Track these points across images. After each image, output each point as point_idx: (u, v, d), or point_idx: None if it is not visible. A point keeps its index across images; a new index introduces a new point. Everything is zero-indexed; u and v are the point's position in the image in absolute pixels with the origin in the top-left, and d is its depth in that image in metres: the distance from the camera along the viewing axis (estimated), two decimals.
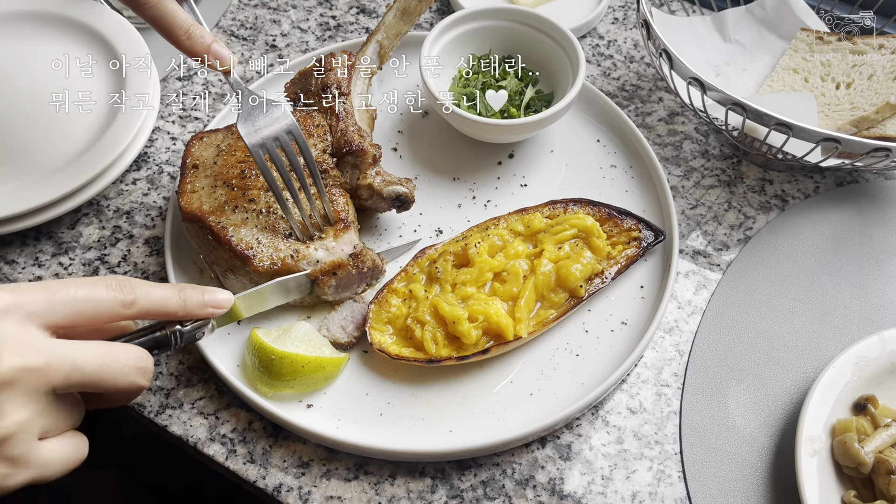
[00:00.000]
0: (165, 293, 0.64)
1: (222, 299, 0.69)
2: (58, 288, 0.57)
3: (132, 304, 0.60)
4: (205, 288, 0.68)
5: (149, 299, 0.62)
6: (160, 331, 0.66)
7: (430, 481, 0.76)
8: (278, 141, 0.79)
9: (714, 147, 1.03)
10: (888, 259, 0.93)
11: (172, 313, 0.65)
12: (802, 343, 0.86)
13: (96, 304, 0.58)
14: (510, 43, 1.03)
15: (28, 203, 0.87)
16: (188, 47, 0.77)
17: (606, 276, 0.86)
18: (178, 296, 0.65)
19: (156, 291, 0.63)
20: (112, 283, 0.60)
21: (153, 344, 0.65)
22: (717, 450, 0.79)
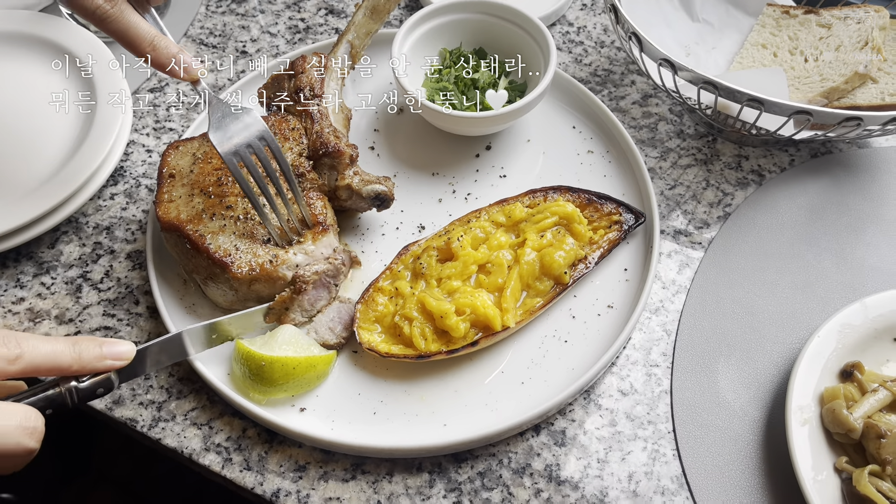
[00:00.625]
0: (57, 347, 0.61)
1: (123, 351, 0.66)
2: None
3: (17, 359, 0.57)
4: (103, 340, 0.65)
5: (37, 353, 0.58)
6: (54, 388, 0.61)
7: (427, 476, 0.76)
8: (251, 147, 0.79)
9: (689, 126, 1.04)
10: (866, 227, 0.94)
11: (66, 368, 0.61)
12: (787, 315, 0.87)
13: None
14: (480, 35, 1.03)
15: (5, 225, 0.86)
16: (154, 59, 0.76)
17: (590, 261, 0.86)
18: (72, 349, 0.62)
19: (45, 346, 0.60)
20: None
21: (45, 403, 0.60)
22: (709, 426, 0.79)
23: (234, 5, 1.17)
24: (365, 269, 0.89)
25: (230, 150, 0.77)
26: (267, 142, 0.79)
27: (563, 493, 0.75)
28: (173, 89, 1.07)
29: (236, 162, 0.77)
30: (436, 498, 0.75)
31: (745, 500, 0.75)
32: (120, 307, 0.87)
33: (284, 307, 0.80)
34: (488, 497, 0.75)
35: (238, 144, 0.78)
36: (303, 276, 0.79)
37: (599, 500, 0.75)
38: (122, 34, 0.75)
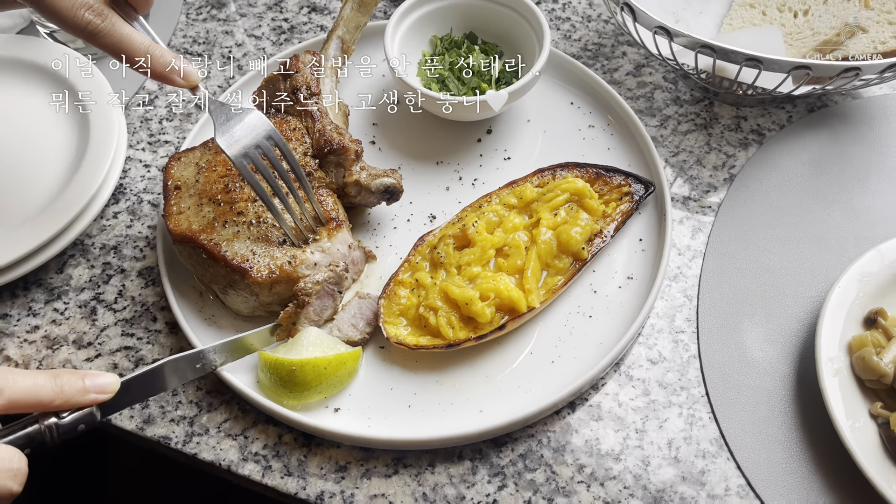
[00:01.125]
0: (38, 380, 0.58)
1: (106, 383, 0.63)
2: None
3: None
4: (86, 372, 0.63)
5: (18, 389, 0.56)
6: (32, 425, 0.59)
7: (469, 463, 0.76)
8: (259, 148, 0.77)
9: (684, 92, 1.04)
10: (869, 175, 0.95)
11: (47, 403, 0.59)
12: (803, 269, 0.88)
13: None
14: (470, 20, 1.03)
15: (10, 254, 0.84)
16: (151, 69, 0.74)
17: (606, 235, 0.86)
18: (54, 383, 0.59)
19: (26, 379, 0.57)
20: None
21: (24, 441, 0.58)
22: (740, 385, 0.80)
23: (214, 11, 1.16)
24: (381, 263, 0.89)
25: (239, 153, 0.76)
26: (275, 140, 0.78)
27: (605, 467, 0.76)
28: (164, 101, 1.05)
29: (247, 164, 0.76)
30: (480, 484, 0.75)
31: (784, 455, 0.76)
32: (138, 326, 0.86)
33: (291, 322, 0.80)
34: (532, 478, 0.75)
35: (246, 146, 0.77)
36: (304, 289, 0.79)
37: (643, 469, 0.75)
38: (115, 47, 0.73)
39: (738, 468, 0.76)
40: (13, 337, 0.85)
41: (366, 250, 0.87)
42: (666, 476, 0.75)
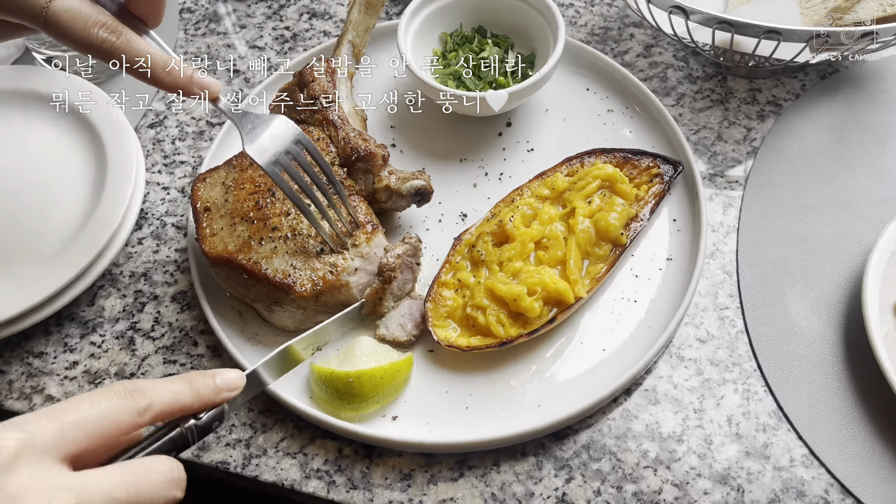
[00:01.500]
0: (177, 387, 0.59)
1: (233, 378, 0.64)
2: (66, 412, 0.52)
3: (147, 409, 0.55)
4: (213, 371, 0.63)
5: (163, 399, 0.57)
6: (174, 429, 0.59)
7: (533, 459, 0.76)
8: (290, 154, 0.75)
9: (696, 69, 1.04)
10: (889, 137, 0.96)
11: (188, 408, 0.60)
12: (837, 235, 0.88)
13: (111, 419, 0.53)
14: (478, 14, 1.02)
15: (41, 292, 0.82)
16: (171, 83, 0.71)
17: (642, 218, 0.86)
18: (191, 388, 0.60)
19: (167, 388, 0.58)
20: (120, 391, 0.54)
21: (170, 446, 0.59)
22: (791, 356, 0.81)
23: (212, 25, 1.14)
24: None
25: (270, 161, 0.74)
26: (304, 144, 0.76)
27: (669, 449, 0.76)
28: (173, 121, 1.03)
29: (279, 171, 0.74)
30: (547, 479, 0.75)
31: (842, 420, 0.76)
32: (179, 352, 0.84)
33: (378, 298, 0.81)
34: (598, 468, 0.75)
35: (276, 153, 0.75)
36: (388, 265, 0.79)
37: (706, 448, 0.76)
38: (131, 63, 0.70)
39: (799, 438, 0.76)
40: (52, 375, 0.83)
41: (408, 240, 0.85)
42: (730, 453, 0.75)
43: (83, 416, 0.52)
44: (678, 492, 0.73)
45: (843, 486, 0.73)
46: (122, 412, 0.54)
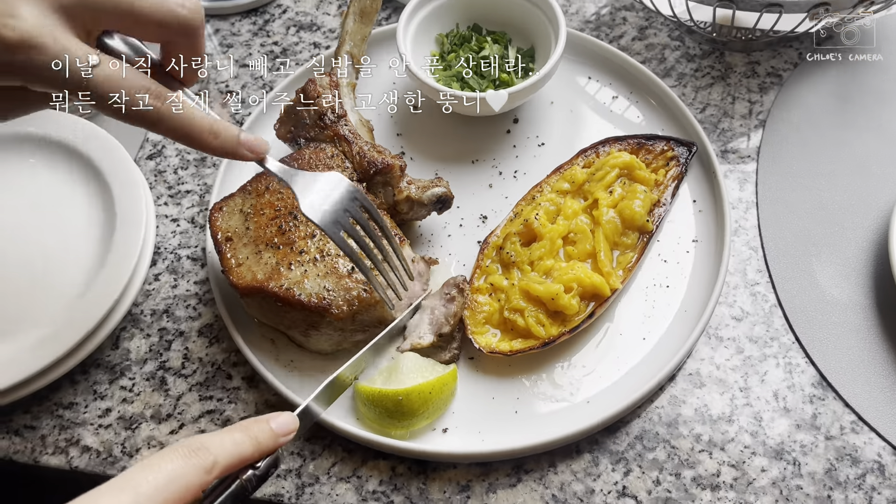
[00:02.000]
0: (236, 437, 0.58)
1: (288, 422, 0.63)
2: (136, 481, 0.50)
3: (213, 466, 0.54)
4: (268, 417, 0.62)
5: (226, 453, 0.56)
6: (234, 482, 0.58)
7: (589, 456, 0.76)
8: (348, 212, 0.71)
9: (693, 47, 1.04)
10: (888, 97, 0.97)
11: (249, 458, 0.58)
12: (855, 200, 0.89)
13: (181, 483, 0.52)
14: (473, 12, 1.01)
15: (64, 345, 0.79)
16: (218, 148, 0.65)
17: (664, 202, 0.86)
18: (249, 437, 0.59)
19: (227, 440, 0.57)
20: (185, 451, 0.53)
21: (232, 501, 0.58)
22: (827, 324, 0.81)
23: None
24: (445, 273, 0.87)
25: (330, 220, 0.70)
26: (360, 201, 0.72)
27: (721, 431, 0.76)
28: (172, 150, 1.01)
29: (338, 231, 0.70)
30: (605, 474, 0.75)
31: (886, 383, 0.77)
32: (214, 387, 0.82)
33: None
34: (654, 457, 0.75)
35: (336, 212, 0.70)
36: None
37: (757, 425, 0.76)
38: (178, 131, 0.63)
39: (846, 405, 0.77)
40: (86, 425, 0.81)
41: (424, 258, 0.85)
42: (781, 428, 0.76)
43: (155, 486, 0.50)
44: (736, 472, 0.74)
45: (894, 448, 0.74)
46: (190, 473, 0.52)
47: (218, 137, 0.64)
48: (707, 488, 0.73)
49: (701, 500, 0.73)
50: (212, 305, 0.88)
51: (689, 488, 0.73)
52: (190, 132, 0.63)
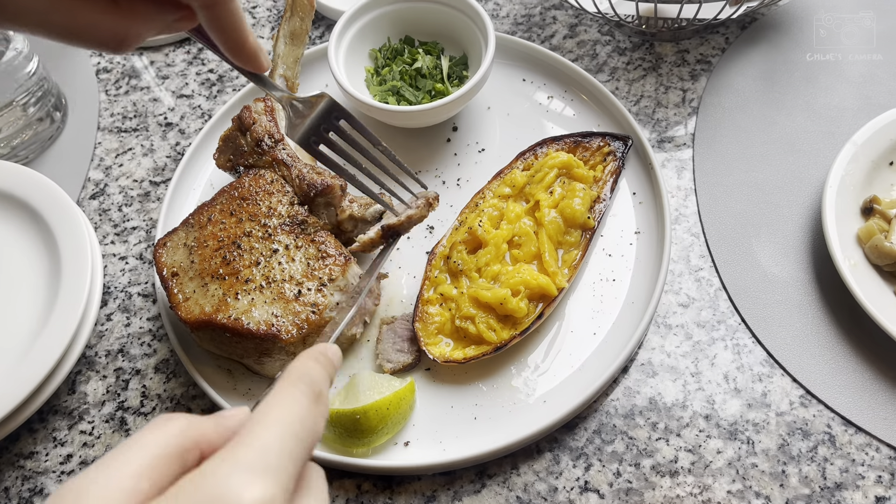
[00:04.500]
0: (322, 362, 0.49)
1: (335, 352, 0.53)
2: (283, 440, 0.40)
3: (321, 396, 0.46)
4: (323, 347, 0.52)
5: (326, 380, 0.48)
6: None
7: (549, 455, 0.77)
8: (325, 128, 0.71)
9: (623, 41, 1.06)
10: (816, 75, 1.00)
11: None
12: (788, 178, 0.91)
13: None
14: (403, 25, 1.01)
15: (18, 394, 0.78)
16: (253, 44, 0.61)
17: (604, 198, 0.88)
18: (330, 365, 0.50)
19: (320, 371, 0.48)
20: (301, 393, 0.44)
21: None
22: (770, 302, 0.83)
23: (133, 81, 1.10)
24: (397, 286, 0.88)
25: (304, 139, 0.70)
26: (336, 113, 0.71)
27: (676, 417, 0.78)
28: (115, 187, 1.00)
29: (314, 145, 0.71)
30: (567, 471, 0.76)
31: (829, 354, 0.80)
32: None
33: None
34: (613, 450, 0.77)
35: (311, 129, 0.70)
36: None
37: (710, 408, 0.78)
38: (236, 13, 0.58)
39: (794, 381, 0.79)
40: (48, 473, 0.81)
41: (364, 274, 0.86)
42: (733, 409, 0.78)
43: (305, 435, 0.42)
44: (693, 456, 0.76)
45: (843, 418, 0.76)
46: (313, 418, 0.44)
47: (253, 35, 0.61)
48: (666, 475, 0.75)
49: (661, 487, 0.74)
50: (166, 341, 0.87)
51: (648, 477, 0.75)
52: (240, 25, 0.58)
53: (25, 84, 0.99)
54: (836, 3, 1.06)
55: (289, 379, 0.45)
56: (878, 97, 0.96)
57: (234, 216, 0.83)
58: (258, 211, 0.83)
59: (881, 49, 1.01)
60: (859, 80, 0.99)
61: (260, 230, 0.82)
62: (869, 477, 0.73)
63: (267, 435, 0.40)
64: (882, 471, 0.73)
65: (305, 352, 0.49)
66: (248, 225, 0.82)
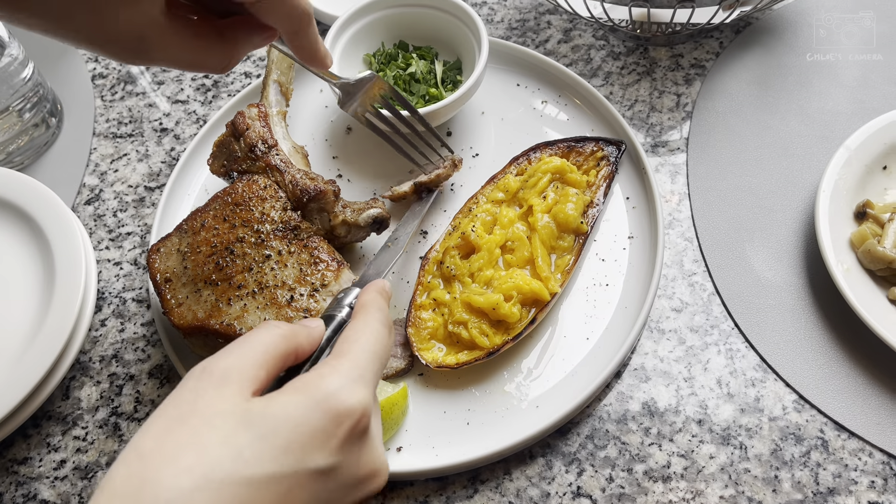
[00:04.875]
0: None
1: (389, 287, 0.67)
2: (371, 359, 0.54)
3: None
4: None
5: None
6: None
7: (542, 460, 0.77)
8: (374, 101, 0.86)
9: (617, 45, 1.06)
10: (810, 78, 1.00)
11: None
12: (782, 183, 0.91)
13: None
14: (397, 29, 1.02)
15: (12, 399, 0.78)
16: (319, 43, 0.69)
17: (597, 202, 0.88)
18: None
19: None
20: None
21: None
22: (763, 307, 0.83)
23: (129, 87, 1.11)
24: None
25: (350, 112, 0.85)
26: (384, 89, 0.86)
27: (669, 422, 0.78)
28: (110, 192, 1.00)
29: (361, 113, 0.86)
30: (559, 476, 0.76)
31: (823, 359, 0.79)
32: None
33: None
34: (606, 455, 0.77)
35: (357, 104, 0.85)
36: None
37: (703, 413, 0.78)
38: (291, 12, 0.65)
39: (786, 385, 0.79)
40: (42, 479, 0.81)
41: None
42: (726, 413, 0.78)
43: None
44: (686, 461, 0.76)
45: (836, 423, 0.76)
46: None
47: (323, 45, 0.70)
48: (659, 480, 0.75)
49: (654, 492, 0.74)
50: (160, 346, 0.88)
51: (641, 482, 0.75)
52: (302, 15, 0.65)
53: (21, 90, 0.99)
54: (836, 4, 1.06)
55: (369, 310, 0.58)
56: (872, 101, 0.96)
57: (228, 222, 0.83)
58: (251, 216, 0.83)
59: (881, 49, 1.01)
60: (853, 83, 0.99)
61: (253, 236, 0.82)
62: (862, 482, 0.73)
63: (361, 354, 0.53)
64: (875, 476, 0.73)
65: (371, 285, 0.63)
66: (241, 230, 0.82)
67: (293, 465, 0.45)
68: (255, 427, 0.45)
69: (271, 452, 0.44)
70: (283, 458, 0.45)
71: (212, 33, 0.61)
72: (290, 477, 0.45)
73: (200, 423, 0.45)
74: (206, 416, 0.45)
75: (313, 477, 0.46)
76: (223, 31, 0.62)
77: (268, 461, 0.44)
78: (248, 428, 0.45)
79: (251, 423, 0.45)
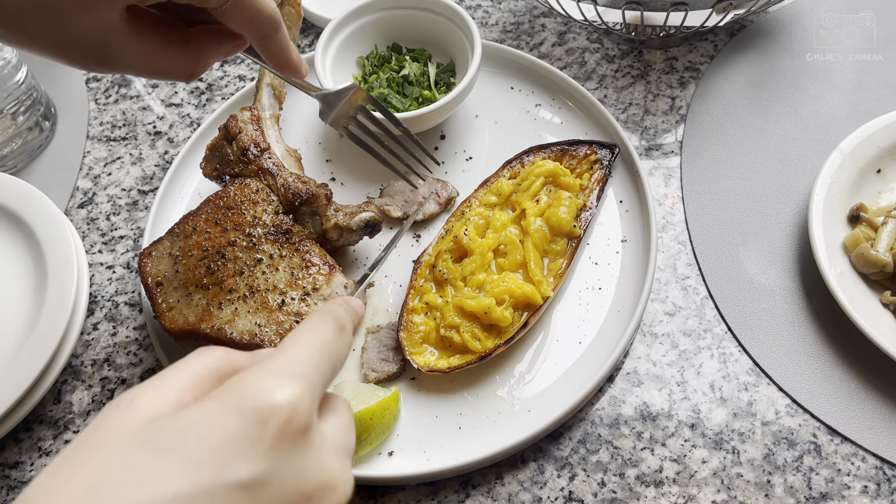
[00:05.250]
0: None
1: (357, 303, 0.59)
2: (310, 355, 0.47)
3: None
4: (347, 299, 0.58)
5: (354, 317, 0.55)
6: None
7: (534, 464, 0.77)
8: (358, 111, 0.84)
9: (611, 48, 1.06)
10: (804, 82, 0.99)
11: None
12: (776, 186, 0.91)
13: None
14: (391, 32, 1.02)
15: (3, 403, 0.79)
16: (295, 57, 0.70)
17: (590, 206, 0.88)
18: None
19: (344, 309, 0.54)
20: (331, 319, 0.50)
21: None
22: (756, 311, 0.83)
23: (123, 90, 1.10)
24: (382, 295, 0.87)
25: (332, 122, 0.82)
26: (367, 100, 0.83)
27: (661, 427, 0.78)
28: (103, 196, 1.00)
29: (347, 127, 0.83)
30: (552, 481, 0.76)
31: (816, 363, 0.79)
32: None
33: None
34: (598, 459, 0.76)
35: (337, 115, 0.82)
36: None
37: (696, 418, 0.78)
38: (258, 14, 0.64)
39: (779, 390, 0.79)
40: None
41: (355, 281, 0.86)
42: (719, 418, 0.78)
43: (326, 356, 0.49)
44: (678, 466, 0.75)
45: (829, 428, 0.76)
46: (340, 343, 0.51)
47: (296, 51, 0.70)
48: (651, 485, 0.75)
49: (646, 497, 0.74)
50: (152, 350, 0.87)
51: (633, 487, 0.75)
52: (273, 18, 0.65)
53: (14, 93, 0.99)
54: (836, 3, 1.06)
55: (318, 313, 0.51)
56: (866, 104, 0.96)
57: (219, 225, 0.83)
58: (243, 220, 0.83)
59: (881, 49, 1.01)
60: (848, 87, 0.98)
61: (244, 239, 0.82)
62: (855, 487, 0.73)
63: (296, 350, 0.46)
64: (868, 481, 0.73)
65: (338, 298, 0.57)
66: (233, 234, 0.82)
67: (208, 480, 0.38)
68: (156, 443, 0.39)
69: (177, 468, 0.38)
70: (193, 474, 0.38)
71: (177, 41, 0.60)
72: (205, 494, 0.38)
73: (95, 451, 0.40)
74: (101, 443, 0.40)
75: (236, 491, 0.39)
76: (189, 39, 0.62)
77: (174, 478, 0.38)
78: (148, 445, 0.39)
79: (152, 441, 0.40)
